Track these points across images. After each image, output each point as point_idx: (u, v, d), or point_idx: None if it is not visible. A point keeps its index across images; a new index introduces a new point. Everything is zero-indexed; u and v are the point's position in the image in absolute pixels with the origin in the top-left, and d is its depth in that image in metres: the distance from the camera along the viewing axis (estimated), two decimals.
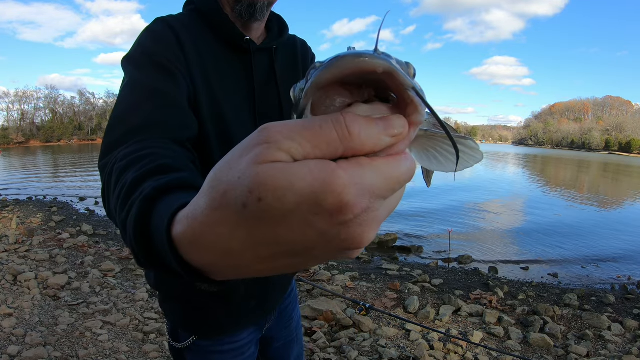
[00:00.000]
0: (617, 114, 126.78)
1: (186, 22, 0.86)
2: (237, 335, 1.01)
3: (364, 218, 0.25)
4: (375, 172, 0.25)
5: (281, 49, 0.98)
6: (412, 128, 0.28)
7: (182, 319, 1.00)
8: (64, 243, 5.83)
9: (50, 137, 70.03)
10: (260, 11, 0.86)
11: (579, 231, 9.23)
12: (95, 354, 2.61)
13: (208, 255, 0.29)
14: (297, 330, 1.24)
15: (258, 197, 0.24)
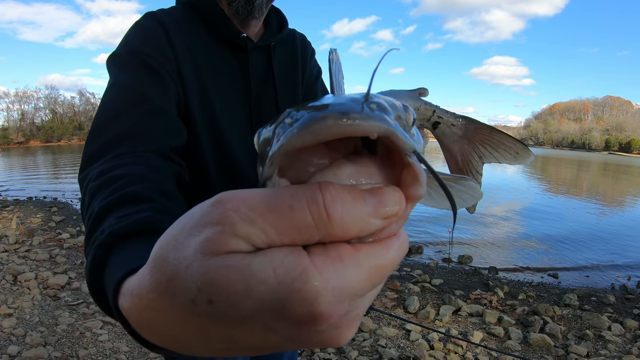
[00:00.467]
0: (617, 114, 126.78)
1: (179, 17, 0.81)
2: None
3: (342, 322, 0.21)
4: (358, 268, 0.20)
5: (280, 46, 0.93)
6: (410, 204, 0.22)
7: None
8: (64, 243, 5.83)
9: (50, 137, 70.01)
10: (258, 9, 0.83)
11: (579, 231, 9.23)
12: (95, 354, 2.61)
13: (155, 338, 0.26)
14: None
15: (208, 299, 0.20)
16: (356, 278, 0.20)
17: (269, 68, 0.90)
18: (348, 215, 0.19)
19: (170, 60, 0.74)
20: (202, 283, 0.19)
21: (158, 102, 0.68)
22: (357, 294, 0.20)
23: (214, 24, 0.83)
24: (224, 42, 0.84)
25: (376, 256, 0.21)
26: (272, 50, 0.90)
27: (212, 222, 0.20)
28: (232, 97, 0.83)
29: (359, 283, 0.20)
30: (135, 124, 0.63)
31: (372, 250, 0.21)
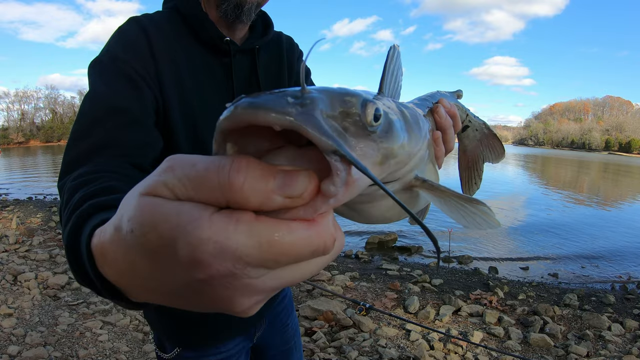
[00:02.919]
0: (617, 114, 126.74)
1: (162, 22, 0.82)
2: (222, 345, 0.99)
3: (231, 282, 0.22)
4: (248, 235, 0.21)
5: (265, 48, 0.93)
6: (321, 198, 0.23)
7: (166, 330, 0.98)
8: None
9: (50, 137, 69.96)
10: (247, 13, 0.82)
11: (579, 231, 9.23)
12: (95, 354, 2.61)
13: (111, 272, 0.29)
14: (295, 337, 1.20)
15: (131, 228, 0.23)
16: (242, 242, 0.21)
17: (253, 71, 0.90)
18: (248, 186, 0.21)
19: (150, 69, 0.74)
20: (130, 214, 0.24)
21: (135, 114, 0.69)
22: (241, 258, 0.21)
23: (197, 28, 0.82)
24: (207, 46, 0.84)
25: (272, 230, 0.22)
26: (257, 53, 0.90)
27: (158, 172, 0.24)
28: (215, 100, 0.82)
29: (245, 248, 0.21)
30: (112, 136, 0.65)
31: (271, 224, 0.22)
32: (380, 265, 5.97)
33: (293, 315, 1.21)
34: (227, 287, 0.23)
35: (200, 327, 0.96)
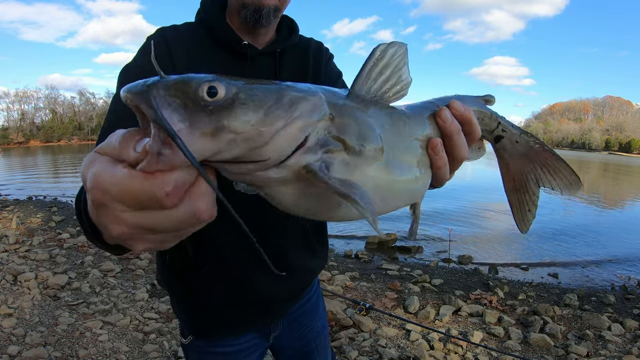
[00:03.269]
0: (617, 114, 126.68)
1: (185, 32, 0.89)
2: (234, 339, 1.02)
3: (104, 210, 0.32)
4: (111, 176, 0.30)
5: (290, 52, 0.96)
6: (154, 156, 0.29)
7: (184, 318, 1.04)
8: (64, 243, 5.83)
9: (50, 137, 69.95)
10: (265, 17, 0.86)
11: (579, 231, 9.23)
12: (95, 354, 2.61)
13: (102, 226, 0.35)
14: (317, 340, 1.20)
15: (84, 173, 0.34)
16: (107, 180, 0.30)
17: (273, 74, 0.92)
18: (121, 147, 0.30)
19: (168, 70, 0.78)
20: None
21: None
22: (105, 192, 0.30)
23: (218, 35, 0.89)
24: (228, 50, 0.89)
25: (124, 176, 0.30)
26: (278, 57, 0.93)
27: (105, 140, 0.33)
28: None
29: (107, 185, 0.30)
30: None
31: (125, 172, 0.30)
32: (380, 265, 5.97)
33: (318, 318, 1.20)
34: (104, 214, 0.32)
35: (213, 319, 0.99)
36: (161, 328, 3.05)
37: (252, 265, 0.91)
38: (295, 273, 1.00)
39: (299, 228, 0.99)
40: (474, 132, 0.53)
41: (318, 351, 1.20)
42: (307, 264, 1.04)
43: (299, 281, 1.04)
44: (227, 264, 0.92)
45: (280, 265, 0.94)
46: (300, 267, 1.01)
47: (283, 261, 0.96)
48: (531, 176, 0.64)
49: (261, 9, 0.85)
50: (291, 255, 0.98)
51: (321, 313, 1.22)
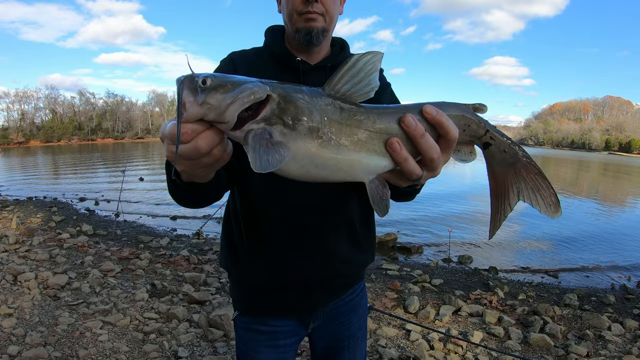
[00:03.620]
0: (617, 114, 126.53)
1: (250, 54, 1.10)
2: (273, 320, 1.12)
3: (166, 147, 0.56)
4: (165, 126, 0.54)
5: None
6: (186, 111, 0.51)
7: (234, 295, 1.18)
8: (64, 243, 5.83)
9: (50, 137, 69.90)
10: (315, 37, 1.01)
11: (579, 231, 9.23)
12: (95, 354, 2.61)
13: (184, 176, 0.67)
14: (351, 340, 1.24)
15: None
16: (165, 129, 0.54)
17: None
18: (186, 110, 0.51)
19: None
20: None
21: None
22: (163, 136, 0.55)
23: (277, 54, 1.06)
24: (285, 67, 1.05)
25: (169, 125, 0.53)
26: (327, 71, 1.06)
27: None
28: None
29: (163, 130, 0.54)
30: None
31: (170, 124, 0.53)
32: (380, 265, 5.97)
33: (357, 319, 1.24)
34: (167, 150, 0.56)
35: (255, 298, 1.11)
36: (161, 328, 3.05)
37: (294, 250, 1.02)
38: (334, 261, 1.06)
39: (345, 218, 1.06)
40: (448, 134, 0.58)
41: (349, 350, 1.24)
42: (349, 255, 1.09)
43: (337, 270, 1.08)
44: (272, 246, 1.03)
45: (320, 249, 1.03)
46: (341, 256, 1.07)
47: (323, 246, 1.04)
48: (513, 187, 0.67)
49: (311, 31, 1.00)
50: (333, 243, 1.05)
51: (361, 315, 1.26)
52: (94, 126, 78.80)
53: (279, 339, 1.12)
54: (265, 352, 1.12)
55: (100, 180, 17.61)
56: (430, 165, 0.60)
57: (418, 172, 0.59)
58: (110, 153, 41.43)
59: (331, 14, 1.02)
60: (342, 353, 1.24)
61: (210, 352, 2.78)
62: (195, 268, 5.05)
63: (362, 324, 1.28)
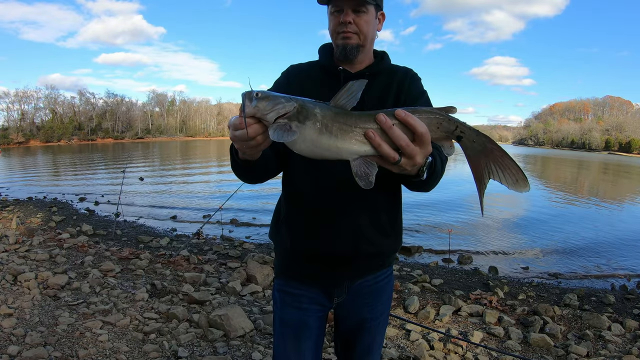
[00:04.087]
0: (617, 114, 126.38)
1: (303, 67, 1.32)
2: (301, 285, 1.30)
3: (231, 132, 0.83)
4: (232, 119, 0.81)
5: (380, 75, 1.27)
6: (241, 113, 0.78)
7: (275, 262, 1.41)
8: (64, 243, 5.83)
9: (50, 137, 69.81)
10: (350, 52, 1.21)
11: (579, 231, 9.23)
12: (95, 354, 2.61)
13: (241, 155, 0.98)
14: (373, 322, 1.34)
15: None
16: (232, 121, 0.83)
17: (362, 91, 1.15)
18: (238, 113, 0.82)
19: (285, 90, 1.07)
20: None
21: None
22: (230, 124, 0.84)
23: (324, 65, 1.28)
24: (329, 75, 1.26)
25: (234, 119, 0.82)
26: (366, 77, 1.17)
27: None
28: None
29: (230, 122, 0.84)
30: None
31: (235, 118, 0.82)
32: None
33: (381, 302, 1.35)
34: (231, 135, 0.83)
35: (289, 266, 1.32)
36: (161, 328, 3.05)
37: (324, 226, 1.20)
38: (358, 240, 1.20)
39: (369, 203, 1.21)
40: (416, 129, 0.75)
41: (370, 332, 1.35)
42: (372, 237, 1.22)
43: (361, 249, 1.21)
44: (306, 222, 1.22)
45: (346, 228, 1.19)
46: (365, 237, 1.21)
47: (349, 226, 1.20)
48: (485, 169, 0.82)
49: (346, 47, 1.21)
50: (358, 224, 1.20)
51: (385, 301, 1.37)
52: (94, 126, 78.77)
53: (303, 302, 1.29)
54: (289, 311, 1.30)
55: (100, 180, 17.61)
56: (404, 151, 0.76)
57: (393, 155, 0.76)
58: (110, 153, 41.43)
59: (365, 33, 1.21)
60: (363, 334, 1.34)
61: (210, 352, 2.77)
62: (195, 268, 5.05)
63: (385, 309, 1.38)
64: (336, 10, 1.20)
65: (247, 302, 3.83)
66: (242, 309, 3.29)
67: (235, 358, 2.71)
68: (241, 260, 5.70)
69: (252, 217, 9.62)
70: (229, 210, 9.77)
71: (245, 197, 11.37)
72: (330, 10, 1.23)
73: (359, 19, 1.19)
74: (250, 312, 3.53)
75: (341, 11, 1.19)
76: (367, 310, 1.32)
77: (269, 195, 12.39)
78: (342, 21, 1.19)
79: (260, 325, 3.21)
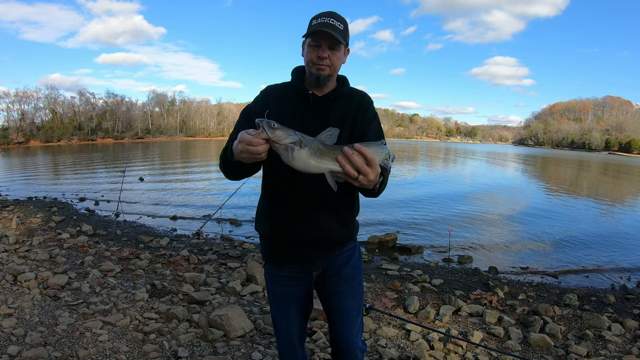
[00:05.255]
0: (617, 114, 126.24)
1: (279, 88, 1.58)
2: (281, 268, 1.64)
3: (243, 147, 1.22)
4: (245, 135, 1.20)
5: (341, 98, 1.55)
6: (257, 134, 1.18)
7: (261, 249, 1.72)
8: (64, 243, 5.83)
9: (50, 137, 69.71)
10: (322, 81, 1.49)
11: (579, 231, 9.23)
12: (95, 354, 2.61)
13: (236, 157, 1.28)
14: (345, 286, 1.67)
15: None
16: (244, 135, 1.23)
17: (326, 111, 1.53)
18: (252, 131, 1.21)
19: (264, 108, 1.35)
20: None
21: None
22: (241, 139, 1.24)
23: (296, 88, 1.54)
24: (300, 98, 1.53)
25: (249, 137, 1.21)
26: (329, 101, 1.54)
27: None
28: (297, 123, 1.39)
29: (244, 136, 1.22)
30: None
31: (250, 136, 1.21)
32: (380, 265, 5.97)
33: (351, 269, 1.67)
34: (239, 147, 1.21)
35: (273, 251, 1.63)
36: (161, 328, 3.05)
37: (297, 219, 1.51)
38: (323, 230, 1.54)
39: (332, 202, 1.52)
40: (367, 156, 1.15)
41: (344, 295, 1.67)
42: (334, 228, 1.56)
43: (325, 236, 1.55)
44: (283, 215, 1.53)
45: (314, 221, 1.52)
46: (329, 228, 1.54)
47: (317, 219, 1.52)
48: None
49: (319, 77, 1.48)
50: (323, 218, 1.53)
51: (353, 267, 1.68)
52: (94, 126, 78.67)
53: (288, 280, 1.63)
54: (278, 288, 1.66)
55: (100, 180, 17.60)
56: (361, 171, 1.15)
57: (354, 173, 1.15)
58: (110, 153, 41.42)
59: (335, 66, 1.49)
60: (339, 298, 1.67)
61: (210, 352, 2.77)
62: (195, 268, 5.05)
63: (356, 275, 1.70)
64: (315, 45, 1.44)
65: (247, 302, 3.83)
66: (242, 309, 3.29)
67: (235, 358, 2.71)
68: (241, 260, 5.71)
69: (252, 217, 9.62)
70: (229, 210, 9.77)
71: (245, 197, 11.37)
72: (308, 42, 1.46)
73: (333, 55, 1.46)
74: (250, 312, 3.53)
75: (319, 47, 1.44)
76: (339, 278, 1.66)
77: None
78: (319, 55, 1.44)
79: (260, 325, 3.21)
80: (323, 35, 1.41)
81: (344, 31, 1.46)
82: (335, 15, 1.46)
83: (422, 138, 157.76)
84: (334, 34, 1.40)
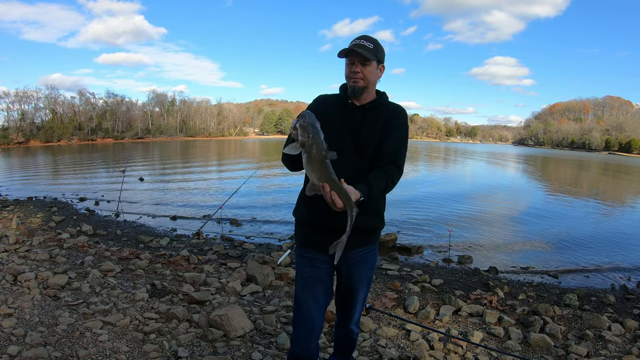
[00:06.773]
0: (617, 114, 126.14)
1: (328, 97, 1.89)
2: (312, 251, 1.85)
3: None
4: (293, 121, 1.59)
5: (377, 108, 1.82)
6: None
7: (295, 234, 1.97)
8: (64, 243, 5.83)
9: (50, 137, 69.66)
10: (357, 91, 1.77)
11: (579, 231, 9.23)
12: (95, 354, 2.61)
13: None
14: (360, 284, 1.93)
15: None
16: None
17: (362, 118, 1.80)
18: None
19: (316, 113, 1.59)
20: None
21: None
22: None
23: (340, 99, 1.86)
24: (343, 106, 1.83)
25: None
26: (366, 109, 1.81)
27: None
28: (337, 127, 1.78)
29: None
30: None
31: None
32: (380, 265, 5.97)
33: (365, 270, 1.92)
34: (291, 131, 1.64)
35: (305, 236, 1.87)
36: (161, 328, 3.05)
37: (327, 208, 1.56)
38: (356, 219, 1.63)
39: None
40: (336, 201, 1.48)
41: (356, 291, 1.94)
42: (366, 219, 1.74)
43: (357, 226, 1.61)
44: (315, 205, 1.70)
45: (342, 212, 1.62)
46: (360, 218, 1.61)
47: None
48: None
49: (355, 88, 1.77)
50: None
51: (367, 269, 1.93)
52: (94, 126, 78.61)
53: (316, 262, 1.84)
54: (307, 269, 1.86)
55: (100, 180, 17.60)
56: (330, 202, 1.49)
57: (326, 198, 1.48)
58: (110, 153, 41.41)
59: (368, 79, 1.76)
60: (351, 295, 1.95)
61: (210, 352, 2.77)
62: (195, 268, 5.05)
63: (368, 274, 1.95)
64: (350, 62, 1.76)
65: (247, 302, 3.83)
66: (242, 309, 3.29)
67: (235, 358, 2.71)
68: (241, 260, 5.70)
69: (252, 217, 9.62)
70: (229, 211, 9.77)
71: (245, 197, 11.37)
72: (346, 61, 1.79)
73: (365, 69, 1.75)
74: (250, 312, 3.53)
75: (353, 63, 1.75)
76: (354, 274, 1.90)
77: (268, 196, 12.57)
78: (353, 70, 1.75)
79: (260, 325, 3.21)
80: (355, 53, 1.72)
81: (374, 49, 1.74)
82: (366, 37, 1.77)
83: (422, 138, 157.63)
84: (362, 52, 1.70)
